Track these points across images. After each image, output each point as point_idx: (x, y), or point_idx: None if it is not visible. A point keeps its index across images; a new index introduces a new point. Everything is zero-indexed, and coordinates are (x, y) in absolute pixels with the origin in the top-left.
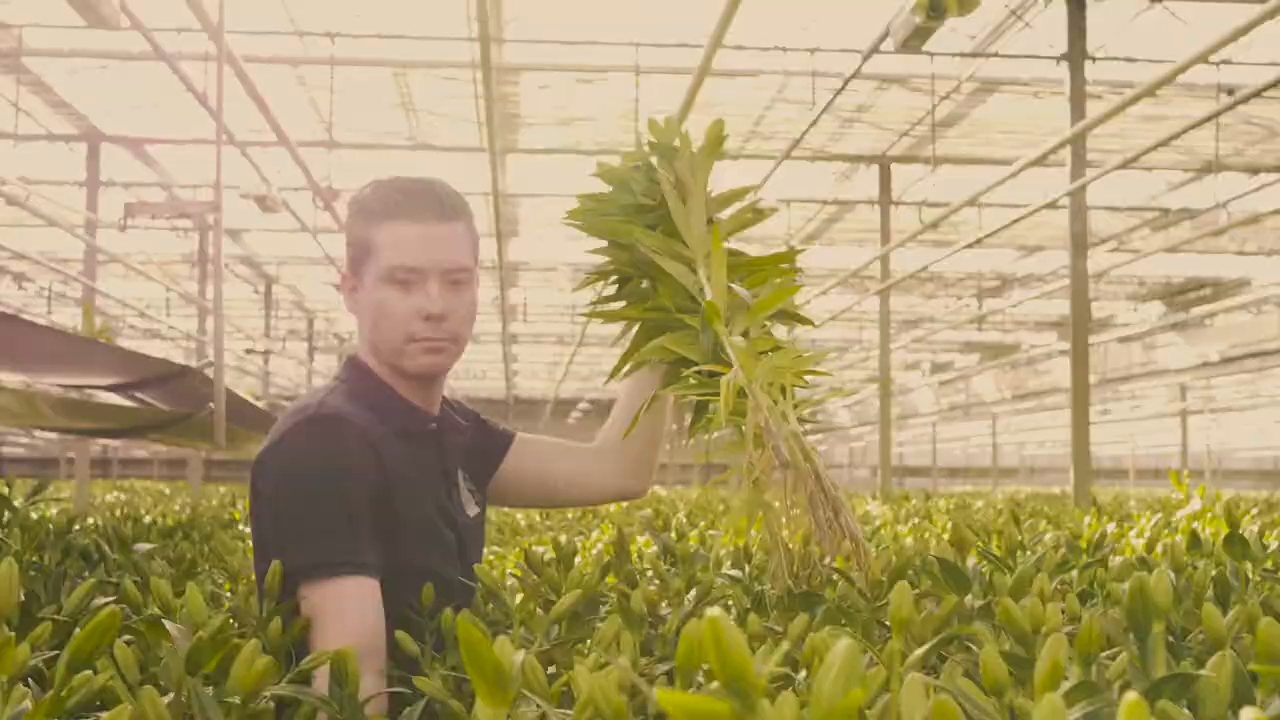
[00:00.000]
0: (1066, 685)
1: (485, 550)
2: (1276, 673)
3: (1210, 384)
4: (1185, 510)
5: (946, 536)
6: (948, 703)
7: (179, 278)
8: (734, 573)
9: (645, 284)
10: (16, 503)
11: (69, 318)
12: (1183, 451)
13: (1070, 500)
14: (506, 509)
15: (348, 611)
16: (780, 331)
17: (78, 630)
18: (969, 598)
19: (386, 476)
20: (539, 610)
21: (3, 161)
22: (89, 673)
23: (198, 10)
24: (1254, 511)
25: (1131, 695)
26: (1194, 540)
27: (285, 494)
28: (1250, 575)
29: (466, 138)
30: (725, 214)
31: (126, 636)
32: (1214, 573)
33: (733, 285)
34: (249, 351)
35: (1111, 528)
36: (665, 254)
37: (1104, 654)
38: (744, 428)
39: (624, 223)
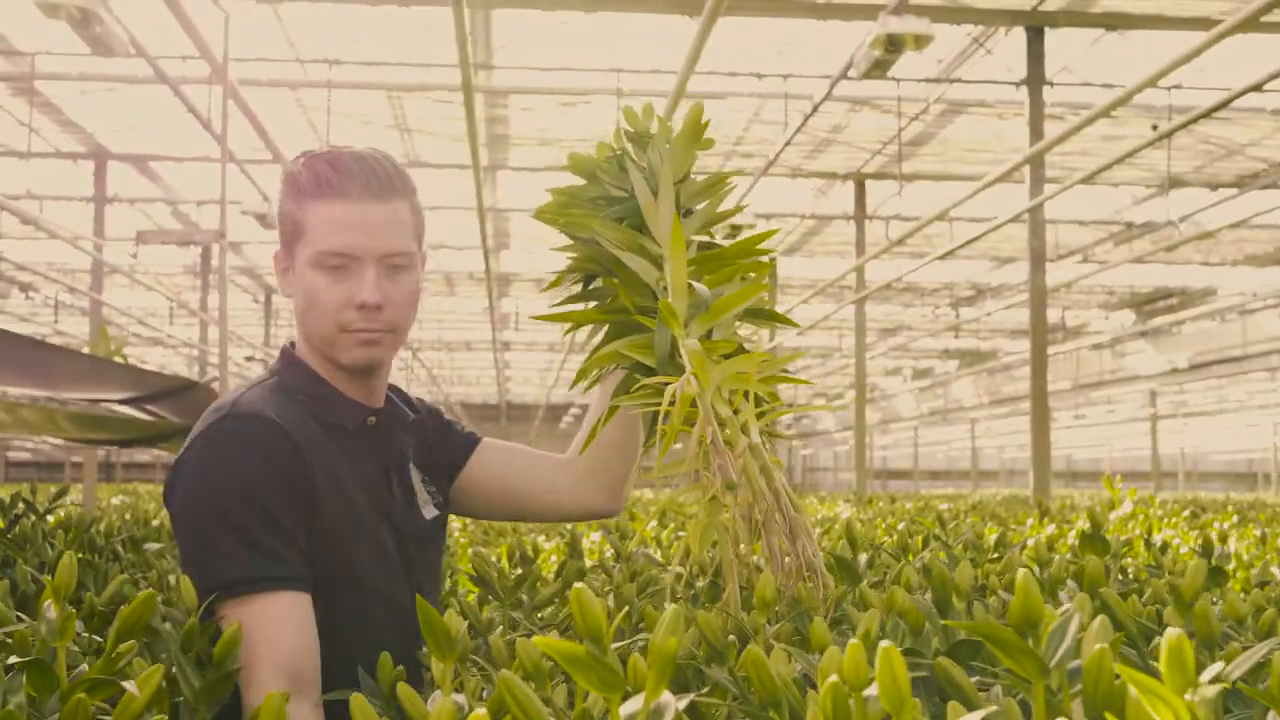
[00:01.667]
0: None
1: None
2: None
3: (1183, 389)
4: (1117, 512)
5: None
6: (756, 652)
7: (181, 288)
8: (677, 569)
9: (618, 282)
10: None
11: (73, 326)
12: (1154, 455)
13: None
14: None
15: (277, 632)
16: (764, 337)
17: (123, 608)
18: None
19: (312, 478)
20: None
21: (14, 178)
22: (133, 641)
23: (204, 51)
24: (1185, 513)
25: (853, 641)
26: (1084, 539)
27: (200, 504)
28: (1112, 568)
29: (459, 156)
30: (701, 206)
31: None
32: (1073, 567)
33: (693, 283)
34: (249, 359)
35: (1052, 528)
36: (628, 248)
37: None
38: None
39: (587, 215)
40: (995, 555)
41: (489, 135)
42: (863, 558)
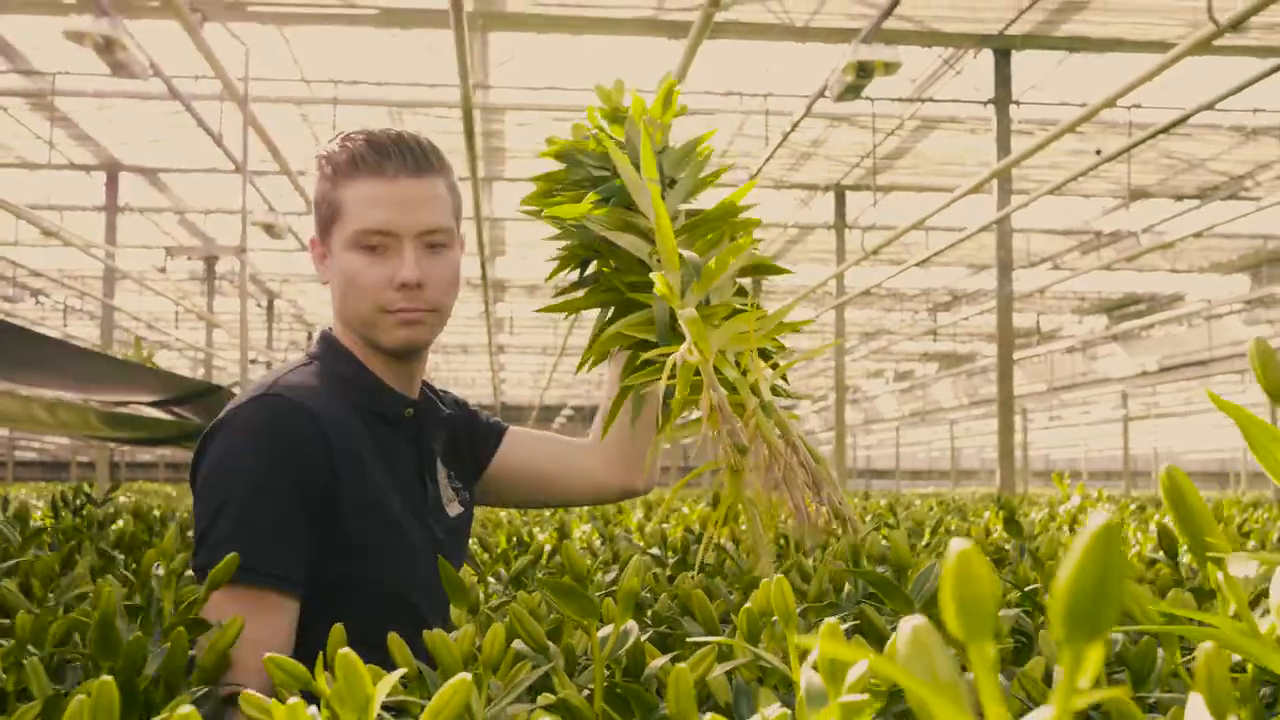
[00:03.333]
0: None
1: None
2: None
3: (1155, 391)
4: (1065, 506)
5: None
6: (699, 594)
7: (185, 293)
8: (655, 551)
9: (614, 265)
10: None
11: (81, 329)
12: (1125, 454)
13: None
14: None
15: (255, 629)
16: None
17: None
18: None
19: (336, 469)
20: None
21: (31, 188)
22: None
23: (225, 81)
24: (1132, 508)
25: (764, 580)
26: (1005, 524)
27: (214, 482)
28: (1027, 548)
29: (457, 168)
30: (682, 175)
31: None
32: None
33: (683, 252)
34: (252, 362)
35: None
36: (617, 227)
37: None
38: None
39: (574, 199)
40: (928, 542)
41: (485, 148)
42: None
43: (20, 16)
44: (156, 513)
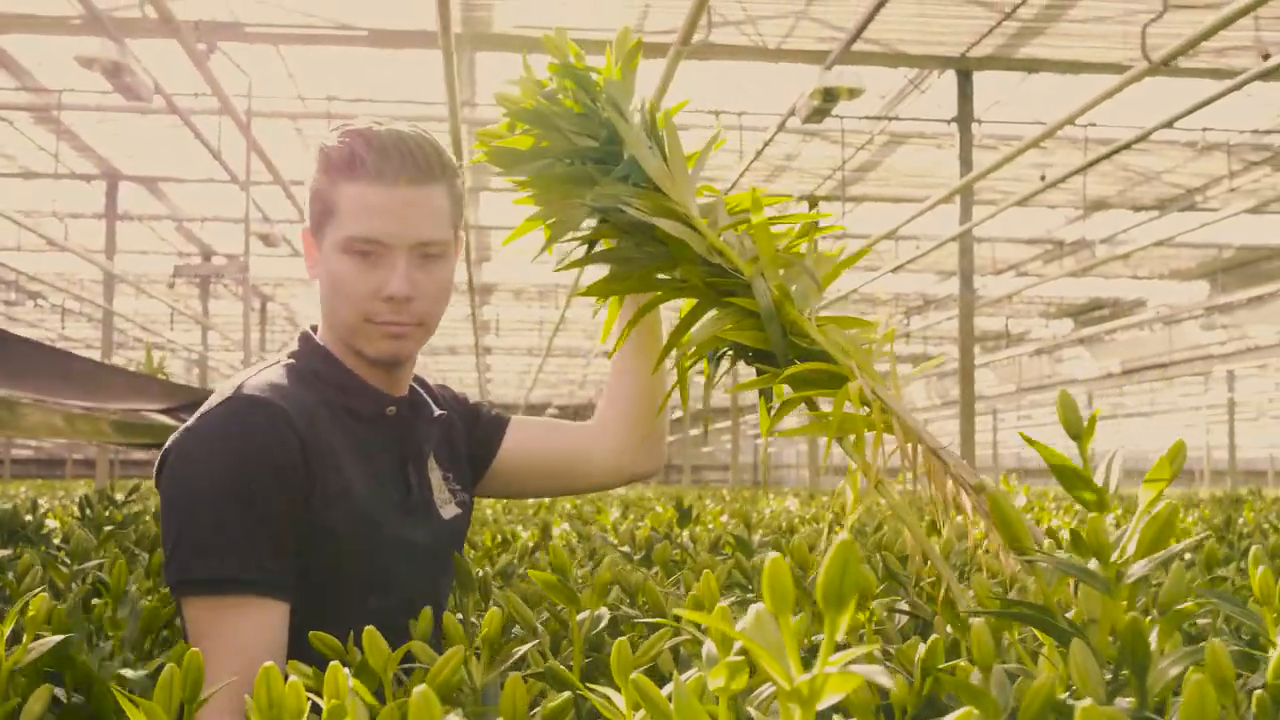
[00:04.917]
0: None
1: None
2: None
3: (1123, 392)
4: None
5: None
6: (652, 587)
7: (182, 296)
8: (625, 549)
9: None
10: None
11: (77, 331)
12: (1094, 454)
13: None
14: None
15: (246, 639)
16: None
17: None
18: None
19: (313, 473)
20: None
21: (33, 197)
22: None
23: (227, 106)
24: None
25: (708, 572)
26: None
27: (186, 491)
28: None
29: None
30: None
31: None
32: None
33: (781, 253)
34: (244, 364)
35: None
36: (660, 213)
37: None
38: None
39: (559, 173)
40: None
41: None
42: (757, 536)
43: (27, 36)
44: None
